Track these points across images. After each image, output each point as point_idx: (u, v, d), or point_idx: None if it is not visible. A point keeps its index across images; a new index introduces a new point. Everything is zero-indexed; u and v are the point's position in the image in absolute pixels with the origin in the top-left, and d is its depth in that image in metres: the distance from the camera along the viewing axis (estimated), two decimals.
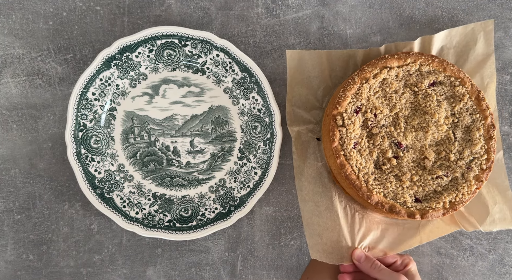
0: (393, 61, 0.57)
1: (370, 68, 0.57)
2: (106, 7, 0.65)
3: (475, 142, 0.57)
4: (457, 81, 0.58)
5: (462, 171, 0.57)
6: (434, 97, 0.58)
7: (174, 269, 0.67)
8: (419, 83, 0.58)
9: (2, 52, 0.65)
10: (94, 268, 0.67)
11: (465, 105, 0.58)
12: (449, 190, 0.57)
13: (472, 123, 0.58)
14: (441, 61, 0.58)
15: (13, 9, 0.65)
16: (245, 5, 0.66)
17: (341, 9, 0.67)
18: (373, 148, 0.57)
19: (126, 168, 0.66)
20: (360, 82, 0.57)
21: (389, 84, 0.58)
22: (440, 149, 0.58)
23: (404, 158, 0.57)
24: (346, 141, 0.56)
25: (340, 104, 0.56)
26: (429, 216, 0.55)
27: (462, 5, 0.67)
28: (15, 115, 0.65)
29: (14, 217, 0.66)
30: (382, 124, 0.58)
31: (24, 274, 0.67)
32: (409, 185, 0.57)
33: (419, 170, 0.58)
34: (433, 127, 0.58)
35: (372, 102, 0.57)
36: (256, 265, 0.68)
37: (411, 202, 0.56)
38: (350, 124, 0.56)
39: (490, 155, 0.57)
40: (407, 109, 0.58)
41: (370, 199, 0.55)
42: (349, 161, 0.56)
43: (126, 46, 0.63)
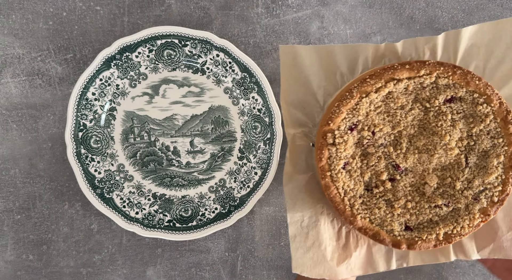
0: (403, 72, 0.48)
1: (374, 81, 0.49)
2: (106, 7, 0.65)
3: (491, 170, 0.49)
4: (482, 98, 0.48)
5: (467, 202, 0.50)
6: (449, 115, 0.49)
7: (174, 269, 0.67)
8: (432, 98, 0.49)
9: (2, 52, 0.65)
10: (94, 268, 0.67)
11: (486, 127, 0.49)
12: (447, 221, 0.50)
13: (492, 148, 0.49)
14: (464, 73, 0.48)
15: (13, 9, 0.65)
16: (245, 5, 0.66)
17: (341, 9, 0.67)
18: (366, 169, 0.51)
19: (126, 168, 0.65)
20: (360, 96, 0.49)
21: (395, 99, 0.49)
22: (446, 174, 0.50)
23: (401, 182, 0.50)
24: (335, 161, 0.50)
25: (332, 120, 0.49)
26: (417, 247, 0.50)
27: (462, 5, 0.67)
28: (15, 115, 0.65)
29: (14, 217, 0.66)
30: (381, 143, 0.51)
31: (24, 274, 0.67)
32: (401, 212, 0.51)
33: (417, 196, 0.51)
34: (441, 151, 0.50)
35: (371, 118, 0.50)
36: (256, 265, 0.68)
37: (400, 230, 0.50)
38: (342, 142, 0.49)
39: (507, 187, 0.48)
40: (414, 128, 0.50)
41: (353, 224, 0.50)
42: (335, 183, 0.50)
43: (126, 46, 0.63)
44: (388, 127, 0.50)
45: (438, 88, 0.49)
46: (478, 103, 0.48)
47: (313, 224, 0.53)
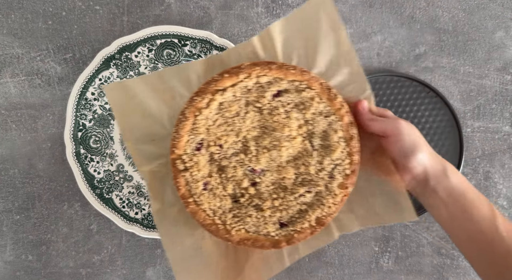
0: (225, 81, 0.49)
1: (200, 97, 0.49)
2: (105, 7, 0.65)
3: (334, 147, 0.50)
4: (303, 84, 0.50)
5: (325, 183, 0.51)
6: (281, 109, 0.50)
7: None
8: (260, 97, 0.50)
9: (1, 51, 0.65)
10: (93, 269, 0.67)
11: (317, 109, 0.50)
12: (314, 206, 0.51)
13: (329, 127, 0.51)
14: (279, 66, 0.49)
15: (12, 9, 0.65)
16: (245, 5, 0.66)
17: (341, 9, 0.67)
18: (226, 182, 0.51)
19: (125, 168, 0.65)
20: (194, 115, 0.49)
21: (228, 108, 0.50)
22: (298, 163, 0.52)
23: (262, 183, 0.51)
24: (193, 185, 0.50)
25: (176, 146, 0.49)
26: (295, 240, 0.50)
27: (462, 5, 0.67)
28: (14, 115, 0.65)
29: (13, 217, 0.66)
30: (231, 153, 0.51)
31: (23, 275, 0.66)
32: (271, 213, 0.51)
33: (281, 192, 0.51)
34: (286, 143, 0.51)
35: (214, 133, 0.50)
36: None
37: (276, 230, 0.51)
38: (193, 165, 0.49)
39: (353, 157, 0.50)
40: (255, 130, 0.51)
41: (231, 240, 0.50)
42: (201, 206, 0.50)
43: (126, 45, 0.63)
44: (232, 136, 0.51)
45: (262, 87, 0.50)
46: (301, 90, 0.50)
47: (195, 253, 0.51)
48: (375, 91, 0.66)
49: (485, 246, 0.45)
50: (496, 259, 0.45)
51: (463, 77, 0.67)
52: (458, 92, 0.67)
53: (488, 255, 0.45)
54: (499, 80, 0.67)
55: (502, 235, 0.44)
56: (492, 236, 0.45)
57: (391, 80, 0.66)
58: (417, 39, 0.67)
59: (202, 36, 0.63)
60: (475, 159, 0.68)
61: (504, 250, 0.44)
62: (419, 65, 0.67)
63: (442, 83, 0.67)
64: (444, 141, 0.67)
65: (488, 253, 0.45)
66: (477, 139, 0.68)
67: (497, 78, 0.68)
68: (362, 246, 0.68)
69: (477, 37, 0.67)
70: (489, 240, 0.45)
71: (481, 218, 0.46)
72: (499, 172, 0.68)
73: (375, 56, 0.67)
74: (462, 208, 0.46)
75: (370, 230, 0.68)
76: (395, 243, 0.68)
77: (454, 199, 0.47)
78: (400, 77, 0.66)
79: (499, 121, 0.68)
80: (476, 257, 0.47)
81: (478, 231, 0.46)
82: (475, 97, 0.68)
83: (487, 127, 0.68)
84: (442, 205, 0.47)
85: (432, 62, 0.67)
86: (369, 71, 0.67)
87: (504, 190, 0.68)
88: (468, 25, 0.67)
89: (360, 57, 0.67)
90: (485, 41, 0.67)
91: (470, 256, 0.47)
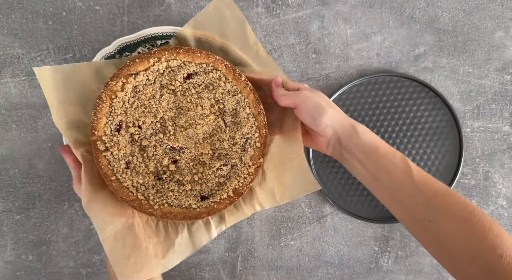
0: (137, 66, 0.53)
1: (115, 81, 0.52)
2: (105, 7, 0.65)
3: (244, 122, 0.55)
4: (210, 66, 0.55)
5: (239, 156, 0.56)
6: (193, 90, 0.55)
7: (174, 269, 0.67)
8: (173, 80, 0.55)
9: (2, 52, 0.65)
10: (93, 269, 0.67)
11: (225, 89, 0.55)
12: (231, 179, 0.55)
13: (238, 104, 0.55)
14: (186, 50, 0.54)
15: (12, 9, 0.65)
16: (245, 5, 0.66)
17: (341, 9, 0.67)
18: (148, 161, 0.55)
19: None
20: (110, 98, 0.53)
21: (143, 91, 0.54)
22: (214, 139, 0.57)
23: (182, 160, 0.56)
24: (115, 164, 0.53)
25: (95, 128, 0.52)
26: (215, 211, 0.54)
27: (462, 5, 0.67)
28: (14, 115, 0.65)
29: (13, 217, 0.66)
30: (150, 133, 0.55)
31: (24, 275, 0.66)
32: (192, 187, 0.55)
33: (200, 167, 0.56)
34: (201, 121, 0.56)
35: (132, 114, 0.54)
36: (256, 265, 0.68)
37: (197, 202, 0.55)
38: (114, 145, 0.53)
39: (262, 130, 0.55)
40: (172, 110, 0.56)
41: (154, 214, 0.53)
42: (124, 184, 0.53)
43: (126, 45, 0.63)
44: (150, 117, 0.55)
45: (173, 70, 0.55)
46: (209, 71, 0.55)
47: (126, 231, 0.54)
48: (374, 91, 0.67)
49: (405, 200, 0.46)
50: (418, 213, 0.45)
51: (463, 77, 0.68)
52: (457, 92, 0.68)
53: (410, 210, 0.46)
54: (498, 80, 0.68)
55: (418, 187, 0.45)
56: (409, 189, 0.46)
57: (391, 80, 0.66)
58: (417, 39, 0.67)
59: None
60: (474, 159, 0.68)
61: (422, 201, 0.45)
62: (418, 65, 0.67)
63: (442, 83, 0.67)
64: (444, 141, 0.67)
65: (410, 207, 0.46)
66: (477, 139, 0.68)
67: (497, 78, 0.68)
68: (362, 246, 0.68)
69: (477, 37, 0.67)
70: (408, 193, 0.46)
71: (396, 173, 0.46)
72: (499, 172, 0.68)
73: (374, 56, 0.67)
74: (376, 165, 0.48)
75: (370, 230, 0.68)
76: (395, 243, 0.68)
77: (368, 156, 0.48)
78: (400, 77, 0.66)
79: (499, 121, 0.68)
80: (401, 213, 0.47)
81: (396, 187, 0.47)
82: (475, 97, 0.68)
83: (487, 127, 0.68)
84: (358, 164, 0.49)
85: (432, 62, 0.67)
86: (369, 71, 0.67)
87: (503, 190, 0.68)
88: (468, 25, 0.67)
89: (360, 57, 0.67)
90: (484, 41, 0.67)
91: (396, 213, 0.48)
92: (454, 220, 0.43)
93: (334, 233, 0.68)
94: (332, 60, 0.67)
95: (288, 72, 0.67)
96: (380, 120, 0.67)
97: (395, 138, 0.67)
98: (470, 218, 0.42)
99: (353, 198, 0.67)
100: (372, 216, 0.67)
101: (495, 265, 0.40)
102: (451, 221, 0.43)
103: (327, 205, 0.68)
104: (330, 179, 0.67)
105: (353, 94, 0.67)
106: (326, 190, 0.67)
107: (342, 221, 0.68)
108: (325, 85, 0.67)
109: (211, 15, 0.55)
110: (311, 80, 0.67)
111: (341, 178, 0.67)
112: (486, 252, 0.41)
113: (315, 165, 0.67)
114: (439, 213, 0.44)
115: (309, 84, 0.67)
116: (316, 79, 0.67)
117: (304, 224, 0.68)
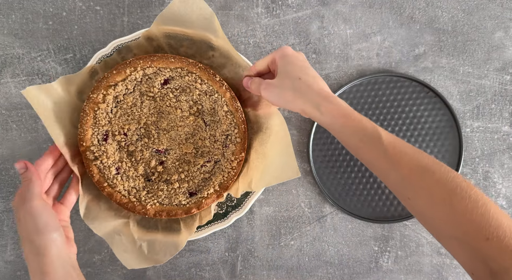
0: (115, 77, 0.56)
1: (96, 93, 0.55)
2: (105, 7, 0.65)
3: (223, 120, 0.58)
4: (184, 70, 0.57)
5: (221, 152, 0.59)
6: (171, 94, 0.58)
7: (174, 269, 0.67)
8: (151, 87, 0.58)
9: (2, 52, 0.65)
10: (94, 268, 0.67)
11: (202, 90, 0.58)
12: (216, 174, 0.59)
13: (215, 103, 0.58)
14: (160, 57, 0.56)
15: (12, 9, 0.65)
16: (245, 5, 0.66)
17: (341, 9, 0.67)
18: (137, 165, 0.59)
19: None
20: (93, 110, 0.56)
21: (124, 100, 0.57)
22: (196, 139, 0.60)
23: (168, 161, 0.60)
24: (106, 171, 0.57)
25: (83, 140, 0.56)
26: (204, 205, 0.57)
27: (462, 5, 0.67)
28: (14, 115, 0.65)
29: (13, 217, 0.66)
30: (136, 139, 0.59)
31: (24, 274, 0.66)
32: (179, 184, 0.59)
33: (185, 165, 0.60)
34: (181, 122, 0.59)
35: (116, 123, 0.58)
36: (256, 265, 0.68)
37: (186, 198, 0.58)
38: (102, 154, 0.56)
39: (241, 126, 0.58)
40: (153, 116, 0.59)
41: (147, 214, 0.57)
42: (116, 188, 0.57)
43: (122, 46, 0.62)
44: (134, 124, 0.58)
45: (150, 78, 0.57)
46: (184, 75, 0.57)
47: (124, 230, 0.58)
48: (374, 91, 0.67)
49: (382, 175, 0.45)
50: (396, 188, 0.44)
51: (463, 77, 0.68)
52: (457, 92, 0.68)
53: (390, 184, 0.44)
54: (498, 80, 0.68)
55: (392, 165, 0.42)
56: (383, 167, 0.44)
57: (391, 80, 0.66)
58: (417, 40, 0.67)
59: None
60: (474, 159, 0.68)
61: (398, 179, 0.43)
62: (418, 65, 0.67)
63: (442, 83, 0.68)
64: (443, 141, 0.67)
65: (389, 181, 0.44)
66: (477, 139, 0.68)
67: (497, 78, 0.68)
68: (361, 246, 0.68)
69: (477, 38, 0.68)
70: (383, 171, 0.44)
71: (368, 150, 0.44)
72: (499, 172, 0.68)
73: (374, 56, 0.67)
74: (348, 137, 0.46)
75: (370, 230, 0.68)
76: (395, 243, 0.68)
77: (341, 129, 0.46)
78: (400, 77, 0.66)
79: (498, 121, 0.68)
80: (383, 180, 0.46)
81: (370, 163, 0.45)
82: (475, 97, 0.68)
83: (487, 127, 0.68)
84: (336, 124, 0.46)
85: (432, 62, 0.67)
86: (369, 71, 0.67)
87: (503, 190, 0.68)
88: (468, 26, 0.67)
89: (360, 57, 0.67)
90: (484, 41, 0.68)
91: (379, 177, 0.46)
92: (432, 202, 0.40)
93: (334, 233, 0.68)
94: (332, 60, 0.67)
95: None
96: (380, 120, 0.67)
97: None
98: (450, 198, 0.39)
99: (353, 198, 0.67)
100: (372, 216, 0.67)
101: (483, 249, 0.37)
102: (428, 203, 0.40)
103: (327, 205, 0.68)
104: (330, 179, 0.67)
105: (353, 94, 0.67)
106: (326, 190, 0.67)
107: (342, 221, 0.68)
108: None
109: (179, 9, 0.55)
110: None
111: (341, 178, 0.67)
112: (471, 234, 0.37)
113: (315, 165, 0.67)
114: (416, 193, 0.41)
115: None
116: None
117: (304, 224, 0.68)
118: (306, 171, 0.68)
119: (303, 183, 0.68)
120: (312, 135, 0.67)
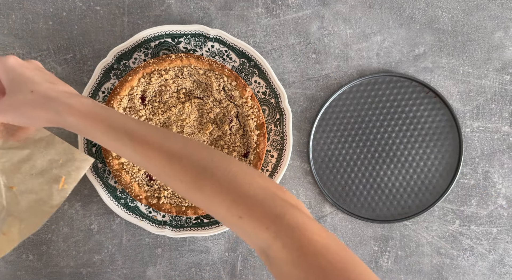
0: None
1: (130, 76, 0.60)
2: (106, 7, 0.65)
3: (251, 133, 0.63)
4: (231, 81, 0.62)
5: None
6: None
7: (174, 269, 0.67)
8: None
9: (2, 52, 0.65)
10: (94, 268, 0.67)
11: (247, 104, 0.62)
12: None
13: (249, 116, 0.63)
14: (210, 62, 0.61)
15: (12, 9, 0.65)
16: (245, 5, 0.66)
17: (341, 9, 0.67)
18: None
19: None
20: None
21: (167, 87, 0.62)
22: (219, 143, 0.64)
23: None
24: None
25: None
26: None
27: (462, 5, 0.67)
28: None
29: None
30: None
31: (24, 274, 0.66)
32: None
33: None
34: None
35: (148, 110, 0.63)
36: (256, 265, 0.68)
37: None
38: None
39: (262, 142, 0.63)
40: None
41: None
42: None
43: (122, 54, 0.63)
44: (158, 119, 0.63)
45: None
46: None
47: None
48: (374, 91, 0.67)
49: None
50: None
51: (462, 77, 0.68)
52: (457, 92, 0.68)
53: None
54: (498, 80, 0.68)
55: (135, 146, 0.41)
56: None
57: (391, 80, 0.67)
58: (417, 40, 0.67)
59: (195, 30, 0.62)
60: (474, 159, 0.68)
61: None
62: (418, 65, 0.67)
63: (442, 83, 0.68)
64: (443, 141, 0.67)
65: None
66: (476, 139, 0.68)
67: (496, 78, 0.68)
68: (361, 246, 0.68)
69: (477, 38, 0.68)
70: None
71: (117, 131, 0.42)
72: (498, 172, 0.68)
73: (374, 57, 0.67)
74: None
75: (370, 230, 0.68)
76: (395, 243, 0.68)
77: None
78: (400, 77, 0.66)
79: (498, 121, 0.68)
80: None
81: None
82: (474, 97, 0.68)
83: (486, 127, 0.68)
84: (81, 125, 0.43)
85: (432, 62, 0.67)
86: (369, 71, 0.67)
87: (503, 190, 0.68)
88: (468, 26, 0.67)
89: (360, 57, 0.67)
90: (484, 41, 0.68)
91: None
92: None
93: (334, 233, 0.68)
94: (332, 60, 0.67)
95: (288, 72, 0.67)
96: (380, 120, 0.67)
97: (394, 138, 0.67)
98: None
99: (353, 198, 0.67)
100: (372, 216, 0.67)
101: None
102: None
103: (327, 205, 0.68)
104: (330, 179, 0.67)
105: (353, 94, 0.67)
106: (326, 190, 0.67)
107: (342, 221, 0.68)
108: (325, 85, 0.67)
109: None
110: (311, 80, 0.67)
111: (341, 178, 0.67)
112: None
113: (315, 165, 0.67)
114: None
115: (309, 84, 0.67)
116: (316, 79, 0.67)
117: None
118: (306, 171, 0.68)
119: (303, 183, 0.68)
120: (312, 135, 0.67)
